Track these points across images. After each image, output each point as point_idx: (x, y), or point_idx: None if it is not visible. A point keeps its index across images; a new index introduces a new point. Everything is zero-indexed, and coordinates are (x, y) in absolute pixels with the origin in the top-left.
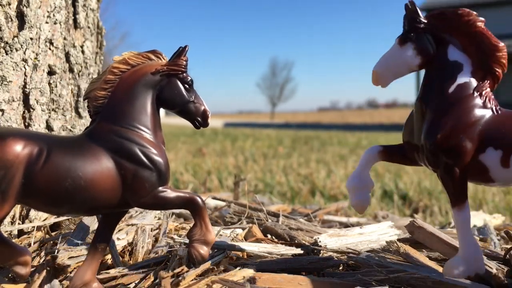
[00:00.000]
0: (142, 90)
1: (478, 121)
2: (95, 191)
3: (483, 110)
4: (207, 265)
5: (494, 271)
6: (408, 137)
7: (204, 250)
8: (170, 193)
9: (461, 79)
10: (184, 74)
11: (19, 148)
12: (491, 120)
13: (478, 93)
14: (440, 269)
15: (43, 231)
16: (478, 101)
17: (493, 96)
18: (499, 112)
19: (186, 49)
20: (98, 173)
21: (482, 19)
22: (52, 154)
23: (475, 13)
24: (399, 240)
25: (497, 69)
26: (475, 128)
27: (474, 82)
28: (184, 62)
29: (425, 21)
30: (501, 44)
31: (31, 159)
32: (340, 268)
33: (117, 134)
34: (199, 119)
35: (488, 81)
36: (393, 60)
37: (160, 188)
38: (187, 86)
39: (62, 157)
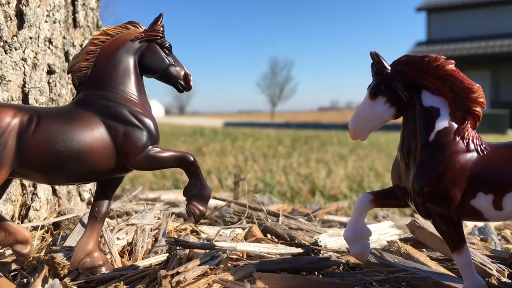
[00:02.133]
0: (123, 56)
1: (464, 167)
2: (88, 153)
3: (468, 154)
4: (206, 266)
5: (494, 272)
6: (397, 180)
7: (202, 206)
8: (162, 152)
9: (440, 125)
10: (162, 39)
11: (10, 116)
12: (477, 162)
13: (460, 136)
14: (441, 269)
15: (43, 230)
16: (461, 145)
17: (476, 135)
18: (485, 152)
19: (161, 16)
20: (90, 135)
21: (452, 61)
22: (42, 120)
23: (443, 57)
24: (400, 240)
25: (476, 109)
26: (462, 174)
27: (454, 126)
28: (161, 28)
29: (393, 71)
30: (476, 85)
31: (23, 126)
32: (340, 268)
33: (104, 98)
34: (181, 82)
35: (469, 121)
36: (366, 115)
37: (151, 147)
38: (167, 51)
39: (52, 122)
